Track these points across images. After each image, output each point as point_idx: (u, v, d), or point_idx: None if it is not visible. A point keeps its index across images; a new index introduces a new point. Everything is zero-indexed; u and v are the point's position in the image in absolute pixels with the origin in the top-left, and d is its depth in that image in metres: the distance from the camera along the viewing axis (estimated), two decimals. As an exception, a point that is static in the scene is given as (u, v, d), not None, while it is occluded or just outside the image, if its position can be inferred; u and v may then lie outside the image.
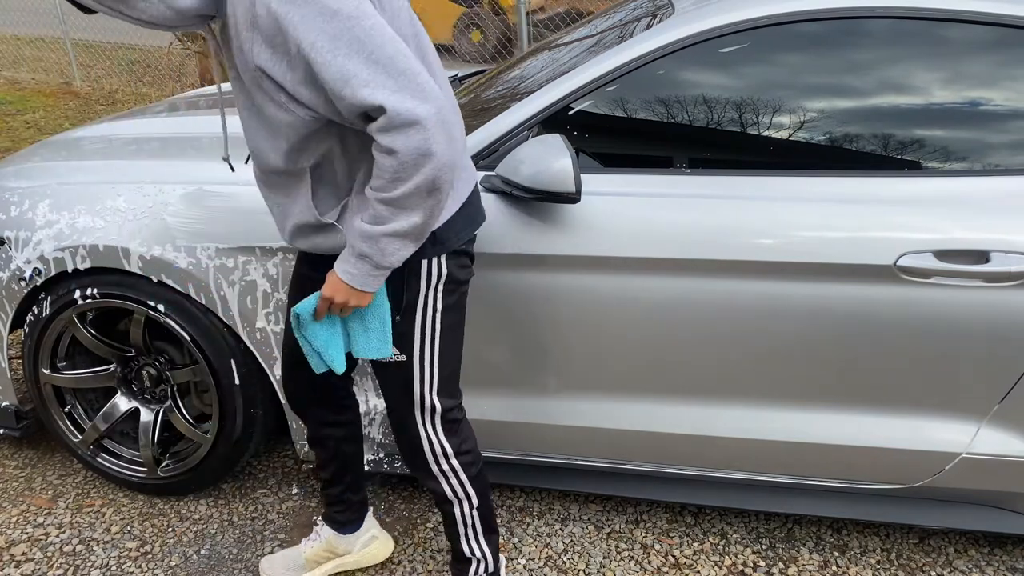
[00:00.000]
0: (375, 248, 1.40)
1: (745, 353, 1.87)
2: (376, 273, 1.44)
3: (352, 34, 1.25)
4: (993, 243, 1.71)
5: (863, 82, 1.83)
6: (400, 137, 1.27)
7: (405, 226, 1.37)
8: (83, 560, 2.12)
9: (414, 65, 1.28)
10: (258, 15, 1.27)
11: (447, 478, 1.75)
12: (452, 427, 1.72)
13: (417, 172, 1.29)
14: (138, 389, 2.27)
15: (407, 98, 1.26)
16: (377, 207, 1.36)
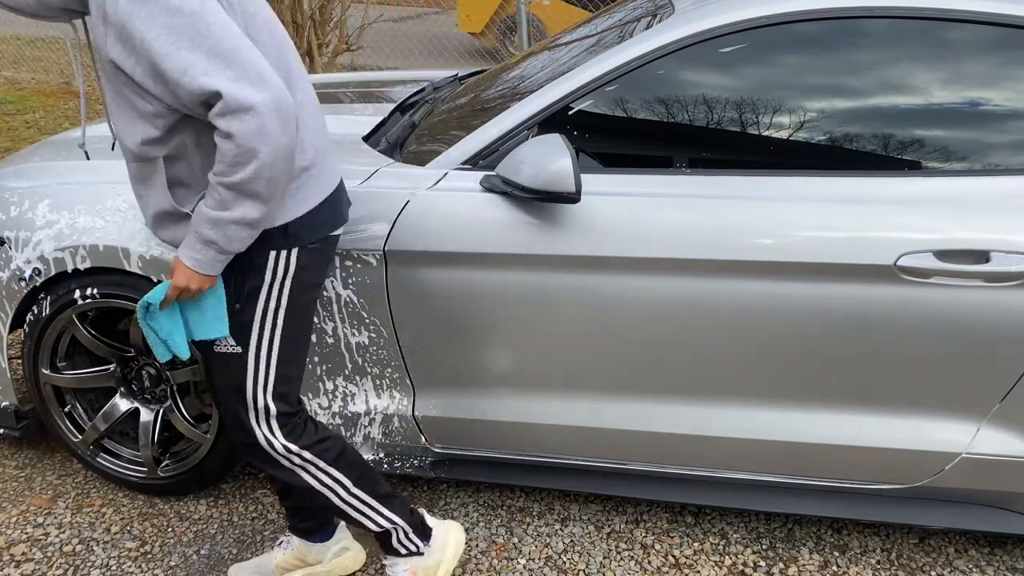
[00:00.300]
0: (221, 234, 1.45)
1: (745, 353, 1.87)
2: (222, 258, 1.49)
3: (194, 28, 1.33)
4: (993, 243, 1.71)
5: (863, 82, 1.83)
6: (236, 122, 1.34)
7: (251, 213, 1.43)
8: (83, 560, 2.12)
9: (254, 57, 1.36)
10: (108, 12, 1.35)
11: (306, 470, 1.71)
12: (291, 430, 1.69)
13: (255, 156, 1.36)
14: (138, 389, 2.27)
15: (244, 86, 1.34)
16: (220, 191, 1.41)
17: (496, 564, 2.10)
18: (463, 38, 9.77)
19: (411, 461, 2.21)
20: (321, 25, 4.91)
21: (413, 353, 2.03)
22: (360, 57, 7.73)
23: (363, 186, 1.94)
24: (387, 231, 1.90)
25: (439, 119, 2.29)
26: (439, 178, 1.93)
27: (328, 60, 5.09)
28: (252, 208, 1.42)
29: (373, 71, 5.15)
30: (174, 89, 1.36)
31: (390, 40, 8.62)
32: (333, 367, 2.07)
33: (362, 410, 2.12)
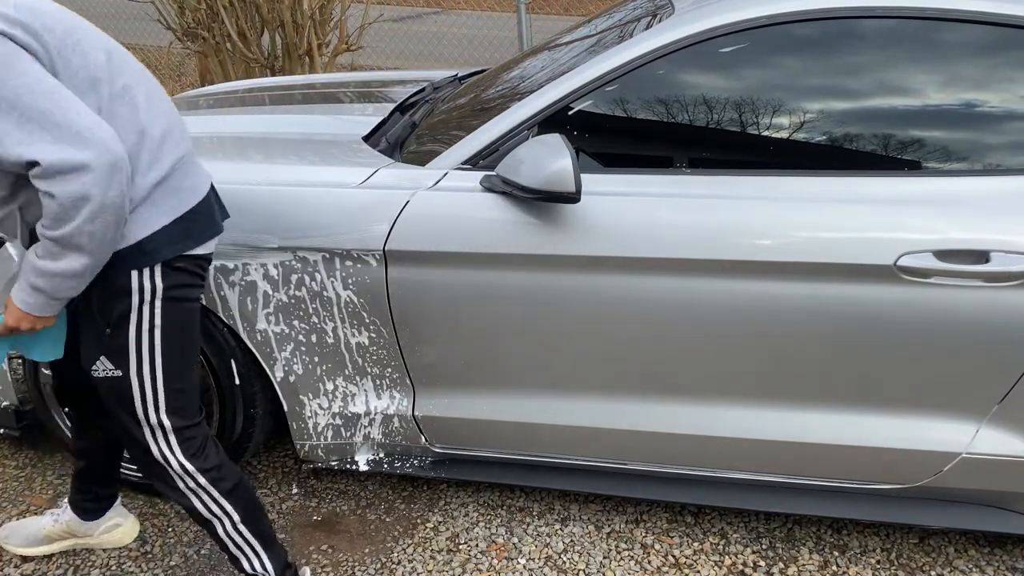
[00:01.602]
0: (48, 283, 1.44)
1: (745, 353, 1.87)
2: (53, 303, 1.48)
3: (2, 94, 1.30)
4: (993, 243, 1.71)
5: (863, 82, 1.83)
6: (56, 184, 1.32)
7: (75, 266, 1.42)
8: (83, 560, 2.12)
9: (72, 114, 1.33)
10: None
11: (198, 495, 1.71)
12: (190, 445, 1.68)
13: (78, 214, 1.35)
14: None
15: (64, 147, 1.32)
16: (47, 243, 1.40)
17: (496, 564, 2.10)
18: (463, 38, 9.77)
19: (411, 461, 2.21)
20: (321, 25, 4.90)
21: (413, 353, 2.03)
22: (360, 57, 7.73)
23: (363, 186, 1.94)
24: (387, 231, 1.90)
25: (439, 119, 2.29)
26: (439, 178, 1.93)
27: (328, 60, 5.09)
28: (76, 260, 1.41)
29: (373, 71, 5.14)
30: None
31: (390, 40, 8.62)
32: (333, 367, 2.07)
33: (362, 411, 2.12)
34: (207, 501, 1.72)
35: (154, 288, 1.57)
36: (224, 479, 1.72)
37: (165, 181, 1.54)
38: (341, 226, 1.91)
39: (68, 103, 1.34)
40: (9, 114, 1.31)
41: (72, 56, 1.42)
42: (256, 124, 2.48)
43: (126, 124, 1.48)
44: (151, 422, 1.65)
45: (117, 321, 1.57)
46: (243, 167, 2.03)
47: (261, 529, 1.80)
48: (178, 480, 1.69)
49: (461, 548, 2.15)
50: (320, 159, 2.08)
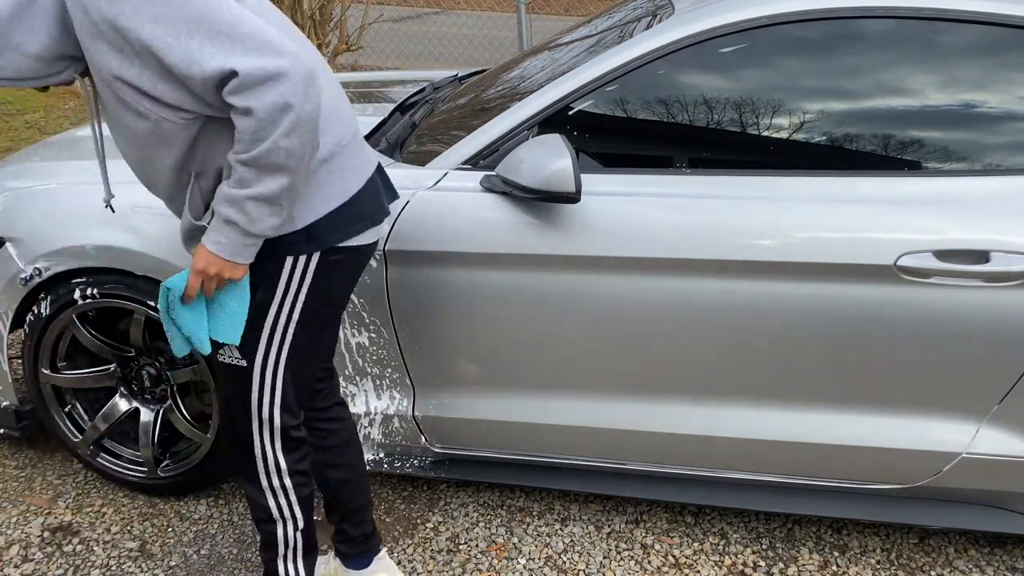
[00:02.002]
0: (241, 213, 1.35)
1: (745, 353, 1.87)
2: (247, 242, 1.39)
3: (186, 13, 1.25)
4: (993, 243, 1.71)
5: (863, 82, 1.83)
6: (254, 96, 1.26)
7: (273, 188, 1.33)
8: (83, 560, 2.12)
9: (259, 27, 1.28)
10: (96, 23, 1.27)
11: (275, 495, 1.66)
12: (292, 445, 1.65)
13: (276, 127, 1.28)
14: (138, 389, 2.27)
15: (257, 57, 1.26)
16: (240, 170, 1.32)
17: (496, 564, 2.10)
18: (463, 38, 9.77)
19: (411, 461, 2.21)
20: (321, 25, 4.91)
21: (413, 353, 2.03)
22: (360, 57, 7.73)
23: (363, 186, 1.94)
24: (387, 231, 1.90)
25: (439, 119, 2.29)
26: (439, 178, 1.93)
27: (328, 60, 5.10)
28: (273, 181, 1.32)
29: (373, 71, 5.14)
30: (186, 83, 1.28)
31: (390, 40, 8.63)
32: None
33: (362, 411, 2.12)
34: (282, 503, 1.68)
35: (302, 279, 1.50)
36: (304, 485, 1.69)
37: (332, 160, 1.47)
38: (341, 226, 1.91)
39: (253, 19, 1.29)
40: (199, 30, 1.25)
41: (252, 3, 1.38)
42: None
43: None
44: (262, 416, 1.59)
45: (256, 311, 1.50)
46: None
47: (310, 539, 1.77)
48: (264, 476, 1.64)
49: (461, 548, 2.15)
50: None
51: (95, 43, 1.29)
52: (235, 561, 2.11)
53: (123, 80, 1.31)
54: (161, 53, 1.26)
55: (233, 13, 1.27)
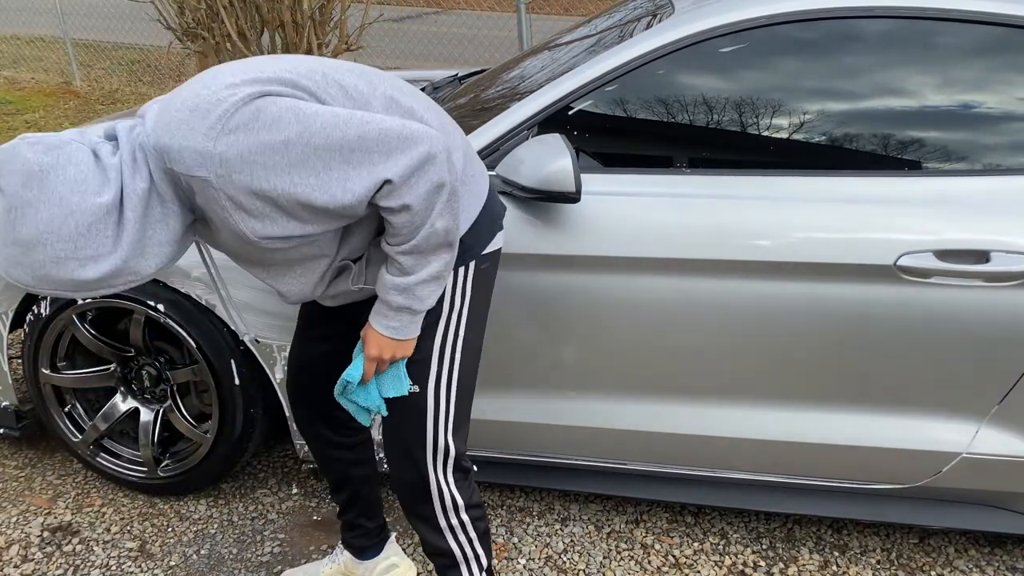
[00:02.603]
0: (411, 298, 1.36)
1: (745, 353, 1.87)
2: (416, 319, 1.41)
3: (313, 147, 1.20)
4: (993, 243, 1.71)
5: (863, 82, 1.83)
6: (408, 191, 1.25)
7: (438, 266, 1.35)
8: (83, 560, 2.12)
9: (384, 122, 1.24)
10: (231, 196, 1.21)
11: (455, 534, 1.59)
12: (463, 476, 1.58)
13: (432, 210, 1.27)
14: (138, 389, 2.27)
15: (400, 156, 1.23)
16: (402, 260, 1.32)
17: (496, 564, 2.10)
18: (463, 38, 9.77)
19: (411, 461, 2.20)
20: (321, 25, 4.90)
21: (413, 353, 2.02)
22: (360, 57, 7.74)
23: (363, 186, 1.94)
24: None
25: (439, 119, 2.29)
26: (439, 178, 1.93)
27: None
28: (437, 261, 1.33)
29: (373, 71, 5.12)
30: (343, 212, 1.25)
31: (390, 40, 8.62)
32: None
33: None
34: (462, 540, 1.60)
35: (464, 293, 1.49)
36: (481, 519, 1.62)
37: (464, 170, 1.46)
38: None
39: (370, 119, 1.24)
40: (334, 158, 1.21)
41: (330, 88, 1.31)
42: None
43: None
44: (438, 444, 1.53)
45: (424, 330, 1.46)
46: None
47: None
48: (441, 515, 1.57)
49: (461, 548, 2.15)
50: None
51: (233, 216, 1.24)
52: (235, 561, 2.11)
53: (270, 237, 1.28)
54: (308, 199, 1.22)
55: (354, 123, 1.23)
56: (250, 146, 1.18)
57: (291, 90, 1.26)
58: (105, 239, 1.17)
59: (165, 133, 1.20)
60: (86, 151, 1.18)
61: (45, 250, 1.15)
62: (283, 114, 1.20)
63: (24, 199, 1.13)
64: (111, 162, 1.20)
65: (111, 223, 1.18)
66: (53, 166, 1.14)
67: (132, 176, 1.20)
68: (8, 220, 1.14)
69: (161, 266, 1.27)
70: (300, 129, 1.20)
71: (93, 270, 1.18)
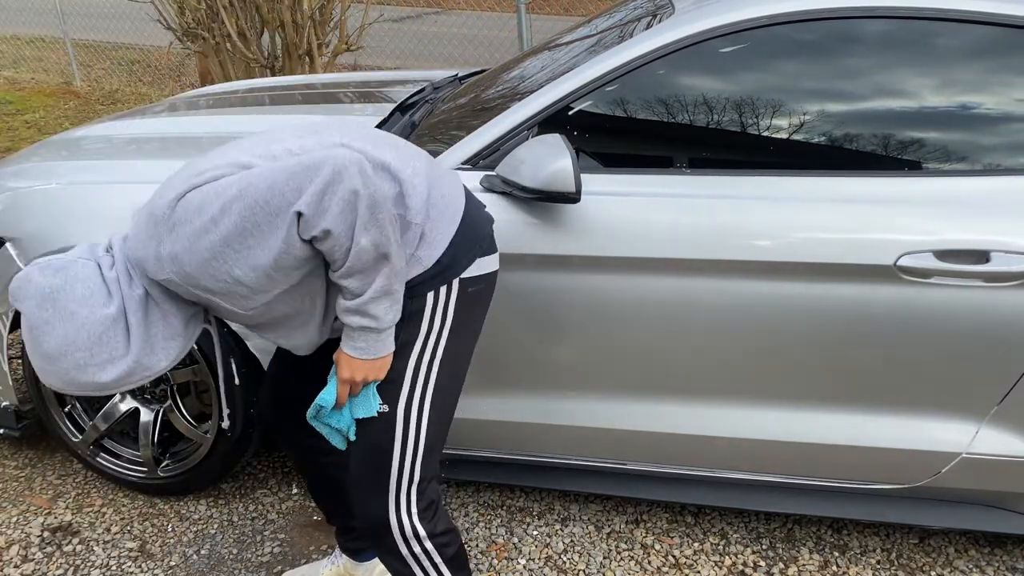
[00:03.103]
0: (367, 317, 1.37)
1: (745, 353, 1.87)
2: (383, 337, 1.41)
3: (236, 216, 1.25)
4: (993, 243, 1.71)
5: (863, 82, 1.83)
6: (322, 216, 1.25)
7: (381, 282, 1.35)
8: (83, 560, 2.12)
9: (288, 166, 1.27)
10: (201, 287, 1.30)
11: (419, 562, 1.55)
12: (428, 507, 1.54)
13: (352, 230, 1.28)
14: (138, 389, 2.27)
15: (307, 188, 1.24)
16: (346, 283, 1.34)
17: (496, 564, 2.10)
18: (463, 38, 9.77)
19: (411, 461, 2.20)
20: (321, 25, 4.91)
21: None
22: (360, 57, 7.74)
23: (363, 186, 1.94)
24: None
25: (439, 119, 2.29)
26: (439, 178, 1.93)
27: (328, 60, 5.09)
28: (379, 277, 1.34)
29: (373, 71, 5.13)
30: (291, 256, 1.29)
31: (390, 40, 8.63)
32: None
33: (362, 410, 2.12)
34: (427, 567, 1.56)
35: (445, 314, 1.49)
36: (450, 545, 1.58)
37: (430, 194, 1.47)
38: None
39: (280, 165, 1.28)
40: (257, 215, 1.26)
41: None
42: (256, 124, 2.48)
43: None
44: (404, 468, 1.50)
45: (399, 349, 1.47)
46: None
47: None
48: (403, 545, 1.54)
49: (461, 548, 2.15)
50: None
51: (214, 300, 1.34)
52: (235, 561, 2.11)
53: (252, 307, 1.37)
54: (254, 262, 1.28)
55: (264, 175, 1.27)
56: (187, 236, 1.27)
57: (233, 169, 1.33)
58: (117, 344, 1.31)
59: (135, 246, 1.33)
60: (92, 266, 1.32)
61: (66, 360, 1.29)
62: (205, 198, 1.28)
63: (42, 319, 1.28)
64: (110, 275, 1.33)
65: (120, 329, 1.31)
66: (62, 287, 1.28)
67: (128, 286, 1.34)
68: (32, 338, 1.30)
69: (173, 359, 1.39)
70: (222, 203, 1.27)
71: (111, 372, 1.32)
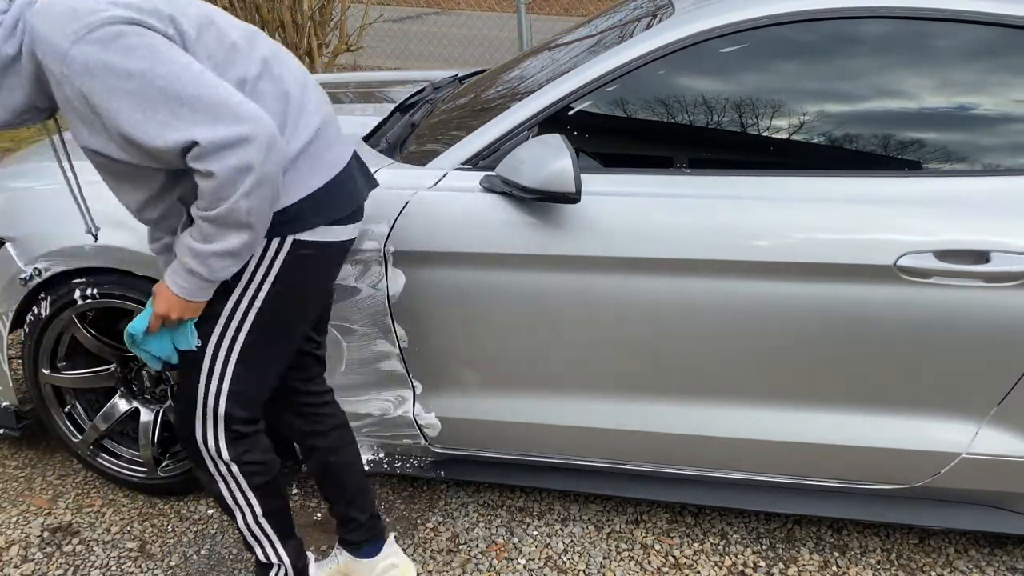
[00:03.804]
0: (203, 266, 1.42)
1: (745, 353, 1.87)
2: (206, 285, 1.46)
3: (151, 87, 1.30)
4: (993, 243, 1.71)
5: (863, 82, 1.83)
6: (215, 161, 1.32)
7: (235, 243, 1.40)
8: (83, 560, 2.12)
9: (222, 93, 1.33)
10: (68, 97, 1.33)
11: (225, 481, 1.65)
12: (236, 437, 1.63)
13: (236, 189, 1.34)
14: (138, 389, 2.27)
15: (219, 127, 1.32)
16: (202, 225, 1.39)
17: (496, 564, 2.10)
18: (463, 38, 9.78)
19: (411, 461, 2.21)
20: (321, 25, 4.91)
21: (413, 353, 2.03)
22: (360, 57, 7.74)
23: (363, 186, 1.94)
24: (387, 231, 1.90)
25: (439, 119, 2.29)
26: (439, 178, 1.93)
27: (328, 60, 5.09)
28: (235, 238, 1.39)
29: (373, 71, 5.13)
30: (151, 153, 1.35)
31: (390, 40, 8.63)
32: (333, 368, 2.07)
33: (363, 411, 2.12)
34: (233, 490, 1.66)
35: (270, 266, 1.52)
36: (257, 474, 1.66)
37: (307, 148, 1.51)
38: (341, 226, 1.91)
39: (216, 84, 1.34)
40: (164, 104, 1.30)
41: (208, 37, 1.42)
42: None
43: (270, 96, 1.47)
44: (208, 403, 1.58)
45: (219, 290, 1.51)
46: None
47: (282, 527, 1.76)
48: (209, 462, 1.64)
49: (461, 548, 2.15)
50: (320, 159, 2.08)
51: (67, 113, 1.38)
52: (235, 561, 2.11)
53: (91, 149, 1.40)
54: (126, 130, 1.32)
55: (199, 83, 1.32)
56: (97, 62, 1.29)
57: (166, 27, 1.36)
58: None
59: (42, 18, 1.32)
60: None
61: None
62: (140, 47, 1.31)
63: None
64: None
65: None
66: None
67: (4, 40, 1.36)
68: None
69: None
70: (147, 66, 1.30)
71: None
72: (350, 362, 2.05)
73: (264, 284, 1.53)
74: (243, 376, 1.58)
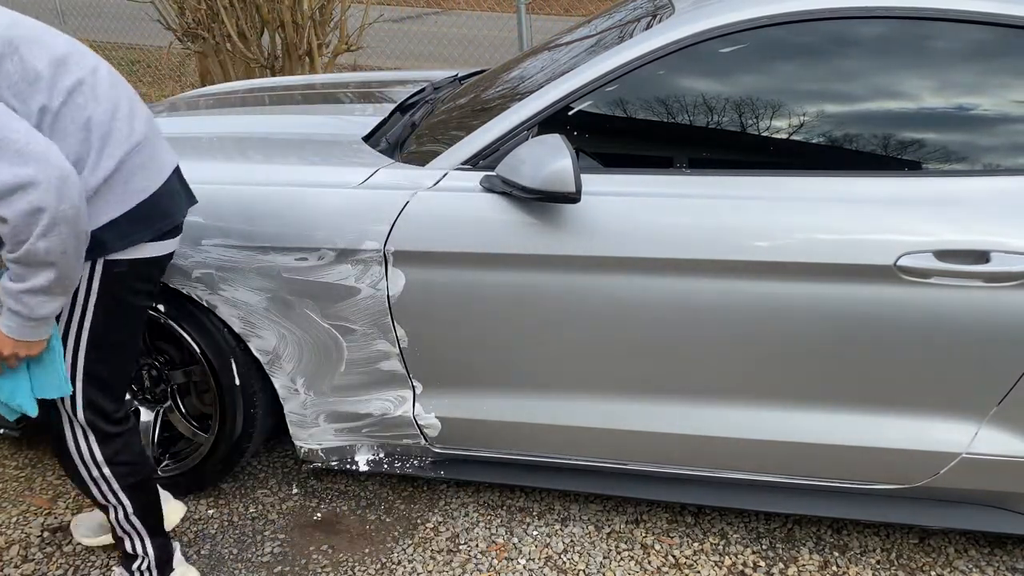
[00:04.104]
0: (21, 304, 1.44)
1: (745, 353, 1.87)
2: (33, 324, 1.48)
3: None
4: (993, 243, 1.71)
5: (863, 82, 1.83)
6: (5, 206, 1.32)
7: (42, 282, 1.42)
8: (83, 560, 2.12)
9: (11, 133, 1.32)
10: None
11: (97, 486, 1.75)
12: (105, 438, 1.71)
13: (31, 231, 1.35)
14: (138, 389, 2.27)
15: (5, 167, 1.31)
16: (11, 266, 1.42)
17: (496, 564, 2.10)
18: (463, 38, 9.78)
19: (411, 461, 2.21)
20: (321, 25, 4.90)
21: (413, 353, 2.03)
22: (360, 57, 7.74)
23: (363, 186, 1.94)
24: (387, 231, 1.90)
25: (439, 119, 2.29)
26: (439, 178, 1.93)
27: (328, 60, 5.09)
28: (41, 276, 1.41)
29: (373, 71, 5.14)
30: None
31: (390, 40, 8.63)
32: (333, 368, 2.07)
33: (362, 411, 2.12)
34: (104, 491, 1.75)
35: (89, 288, 1.57)
36: (128, 475, 1.75)
37: (112, 176, 1.52)
38: (341, 226, 1.91)
39: (8, 123, 1.33)
40: None
41: (7, 66, 1.40)
42: (256, 124, 2.48)
43: (72, 126, 1.46)
44: (70, 416, 1.68)
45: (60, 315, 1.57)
46: (243, 167, 2.03)
47: (151, 523, 1.85)
48: (83, 469, 1.73)
49: (461, 548, 2.15)
50: (320, 159, 2.08)
51: None
52: (235, 561, 2.11)
53: None
54: None
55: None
56: None
57: None
58: None
59: None
60: None
61: None
62: None
63: None
64: None
65: None
66: None
67: None
68: None
69: None
70: None
71: None
72: (350, 362, 2.05)
73: (88, 306, 1.59)
74: (89, 386, 1.66)
